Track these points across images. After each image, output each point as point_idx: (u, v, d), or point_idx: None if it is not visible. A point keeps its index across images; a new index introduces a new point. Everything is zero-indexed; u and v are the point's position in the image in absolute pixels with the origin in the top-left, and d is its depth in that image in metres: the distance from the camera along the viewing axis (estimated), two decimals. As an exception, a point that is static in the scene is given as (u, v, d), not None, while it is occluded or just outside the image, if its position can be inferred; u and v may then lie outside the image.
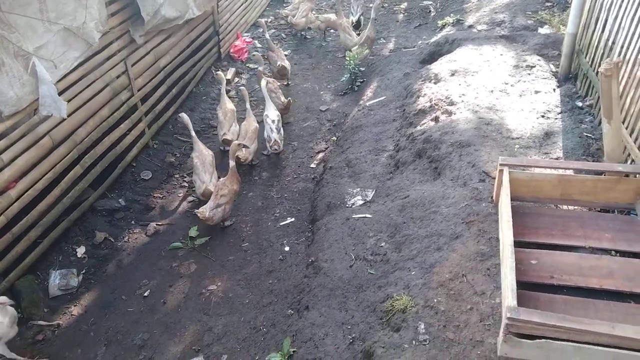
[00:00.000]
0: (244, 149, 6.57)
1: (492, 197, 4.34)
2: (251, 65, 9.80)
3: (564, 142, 5.01)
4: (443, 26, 10.02)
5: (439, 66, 6.89)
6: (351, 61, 8.34)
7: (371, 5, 9.74)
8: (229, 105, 7.34)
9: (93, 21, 5.78)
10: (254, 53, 8.84)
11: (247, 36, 10.89)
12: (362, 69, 8.77)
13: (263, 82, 7.40)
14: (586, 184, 3.99)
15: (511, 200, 4.03)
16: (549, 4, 9.35)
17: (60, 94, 5.57)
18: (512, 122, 5.40)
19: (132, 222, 6.20)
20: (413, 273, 4.01)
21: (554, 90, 6.00)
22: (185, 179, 6.94)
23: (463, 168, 4.87)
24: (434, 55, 8.05)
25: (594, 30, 5.72)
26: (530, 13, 9.14)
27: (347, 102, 8.24)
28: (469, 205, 4.35)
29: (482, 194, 4.44)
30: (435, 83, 6.58)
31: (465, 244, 3.99)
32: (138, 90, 7.03)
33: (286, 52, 10.30)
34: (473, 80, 6.31)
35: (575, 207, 4.15)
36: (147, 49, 7.26)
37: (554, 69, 6.45)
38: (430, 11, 11.33)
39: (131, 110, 6.95)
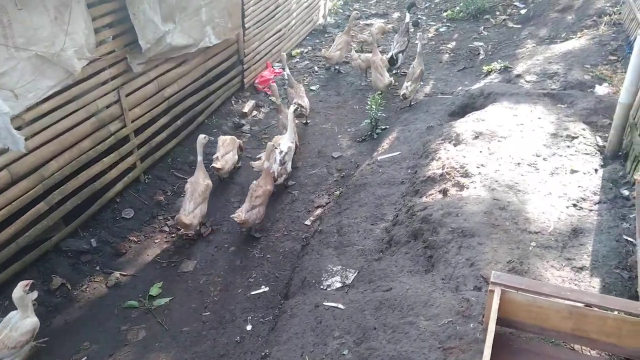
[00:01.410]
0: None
1: (483, 316, 3.37)
2: (273, 99, 9.16)
3: (595, 245, 3.95)
4: (488, 72, 9.02)
5: (464, 125, 5.93)
6: (373, 106, 7.51)
7: (416, 42, 8.88)
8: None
9: (75, 48, 5.31)
10: (271, 84, 8.19)
11: (278, 67, 10.30)
12: (384, 114, 7.90)
13: (291, 108, 6.86)
14: (608, 323, 2.96)
15: (507, 326, 3.08)
16: (612, 57, 8.15)
17: (28, 124, 5.13)
18: (534, 209, 4.37)
19: (97, 267, 5.61)
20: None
21: (596, 171, 4.91)
22: (168, 223, 6.31)
23: (459, 266, 3.91)
24: (465, 108, 7.08)
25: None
26: (589, 67, 7.99)
27: (363, 151, 7.39)
28: (454, 323, 3.39)
29: (473, 308, 3.47)
30: (455, 145, 5.63)
31: (435, 382, 3.04)
32: (132, 121, 6.53)
33: (314, 87, 9.63)
34: (499, 147, 5.32)
35: (592, 351, 3.11)
36: (150, 77, 6.76)
37: (600, 143, 5.34)
38: (479, 53, 10.34)
39: (121, 142, 6.44)
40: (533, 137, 5.43)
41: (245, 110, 8.60)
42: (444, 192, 4.86)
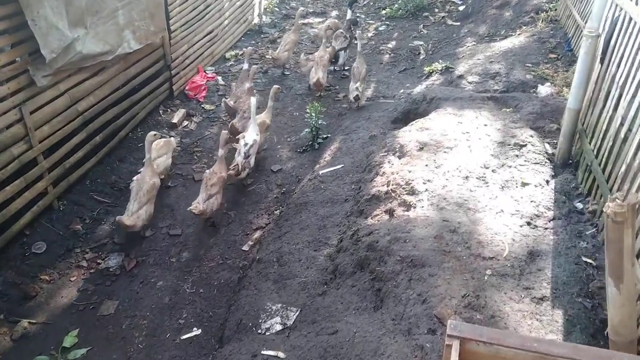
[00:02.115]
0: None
1: (440, 368, 2.96)
2: (207, 107, 8.50)
3: (553, 269, 3.63)
4: (430, 73, 8.75)
5: (408, 134, 5.55)
6: (312, 114, 7.03)
7: (355, 41, 8.47)
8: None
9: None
10: (244, 49, 8.38)
11: (211, 71, 9.64)
12: (325, 122, 7.44)
13: (252, 99, 6.65)
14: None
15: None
16: (552, 55, 8.06)
17: None
18: (487, 230, 4.03)
19: (1, 316, 4.84)
20: None
21: (548, 182, 4.64)
22: (86, 256, 5.58)
23: (410, 302, 3.49)
24: (408, 114, 6.74)
25: (602, 109, 4.39)
26: (530, 65, 7.85)
27: (304, 163, 6.90)
28: (407, 377, 2.96)
29: (428, 357, 3.05)
30: (399, 157, 5.24)
31: None
32: (40, 142, 5.74)
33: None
34: (445, 159, 4.97)
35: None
36: (59, 90, 5.98)
37: (550, 150, 5.10)
38: (419, 53, 10.07)
39: (27, 166, 5.64)
40: (480, 146, 5.11)
41: (175, 120, 7.91)
42: (390, 212, 4.45)
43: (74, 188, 6.34)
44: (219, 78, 9.41)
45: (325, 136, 7.28)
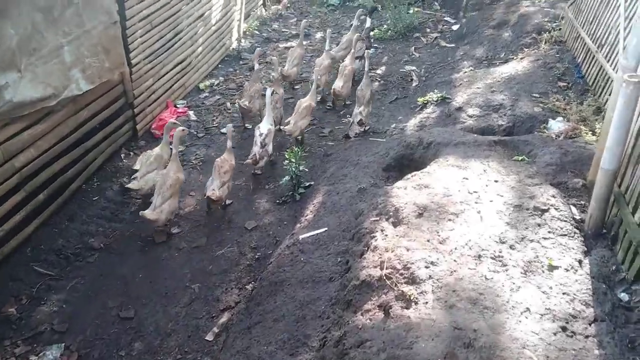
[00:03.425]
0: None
1: None
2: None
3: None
4: (424, 104, 7.87)
5: (403, 193, 4.62)
6: (292, 160, 6.09)
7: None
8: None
9: None
10: (272, 58, 8.57)
11: (182, 105, 8.69)
12: (308, 164, 6.50)
13: (268, 91, 6.87)
14: None
15: None
16: (562, 84, 7.20)
17: None
18: (512, 343, 3.08)
19: None
20: None
21: (580, 262, 3.71)
22: (16, 350, 4.58)
23: None
24: (402, 160, 5.83)
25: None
26: (537, 96, 6.98)
27: (283, 218, 5.95)
28: None
29: None
30: (394, 225, 4.30)
31: None
32: (-37, 210, 4.78)
33: (225, 130, 8.06)
34: (451, 230, 4.03)
35: None
36: (-12, 146, 5.03)
37: (577, 215, 4.18)
38: (411, 79, 9.19)
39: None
40: (492, 212, 4.18)
41: (137, 166, 6.93)
42: (386, 309, 3.50)
43: (11, 259, 5.36)
44: (191, 113, 8.46)
45: (307, 184, 6.33)
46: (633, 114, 3.51)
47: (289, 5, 13.57)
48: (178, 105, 8.58)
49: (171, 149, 6.00)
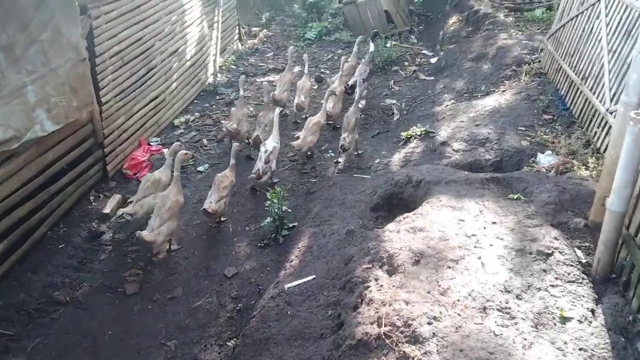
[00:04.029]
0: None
1: None
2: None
3: None
4: (408, 139, 7.68)
5: (397, 237, 4.31)
6: (274, 201, 5.75)
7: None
8: None
9: None
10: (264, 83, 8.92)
11: (156, 142, 8.32)
12: (291, 203, 6.16)
13: (277, 110, 7.29)
14: None
15: None
16: (547, 116, 7.08)
17: None
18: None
19: None
20: None
21: (593, 312, 3.43)
22: None
23: None
24: (391, 199, 5.55)
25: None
26: (523, 129, 6.84)
27: (266, 264, 5.57)
28: None
29: None
30: (389, 274, 3.97)
31: None
32: None
33: (202, 168, 7.72)
34: (452, 279, 3.72)
35: None
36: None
37: (583, 258, 3.91)
38: (393, 113, 9.03)
39: None
40: (493, 257, 3.90)
41: (107, 210, 6.49)
42: (387, 374, 3.13)
43: (-37, 318, 4.83)
44: (165, 151, 8.04)
45: (291, 225, 5.99)
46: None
47: (265, 39, 13.47)
48: (152, 143, 8.22)
49: (172, 171, 6.01)
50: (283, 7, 16.29)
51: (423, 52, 11.66)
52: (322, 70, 11.44)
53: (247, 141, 7.97)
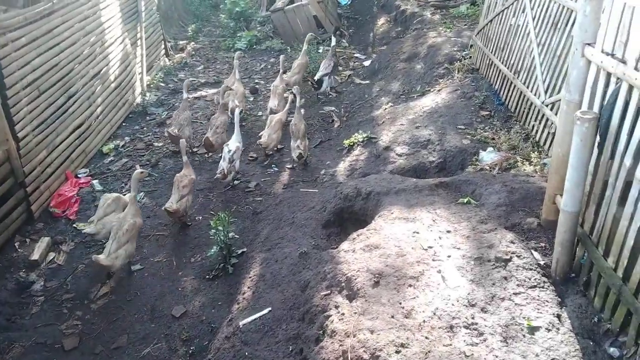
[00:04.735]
0: None
1: None
2: (81, 226, 6.52)
3: None
4: (351, 146, 7.52)
5: (352, 257, 4.11)
6: (219, 228, 5.41)
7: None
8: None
9: None
10: (223, 85, 8.44)
11: (85, 174, 7.72)
12: (238, 227, 5.83)
13: (237, 110, 7.51)
14: None
15: None
16: (484, 113, 7.14)
17: None
18: None
19: None
20: None
21: (559, 317, 3.36)
22: None
23: None
24: (342, 214, 5.36)
25: (608, 206, 3.25)
26: (463, 127, 6.86)
27: (217, 298, 5.22)
28: None
29: None
30: (349, 299, 3.76)
31: None
32: None
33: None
34: (414, 298, 3.56)
35: None
36: None
37: (541, 260, 3.87)
38: (333, 120, 8.87)
39: None
40: (453, 269, 3.78)
41: (35, 256, 5.90)
42: (359, 413, 2.91)
43: None
44: (95, 182, 7.49)
45: (240, 252, 5.67)
46: (590, 153, 3.27)
47: (193, 52, 12.97)
48: (80, 176, 7.61)
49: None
50: (209, 17, 15.82)
51: (356, 55, 11.60)
52: (256, 80, 11.13)
53: (191, 149, 7.89)
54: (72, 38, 7.72)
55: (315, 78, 9.42)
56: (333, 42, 10.07)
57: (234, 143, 6.96)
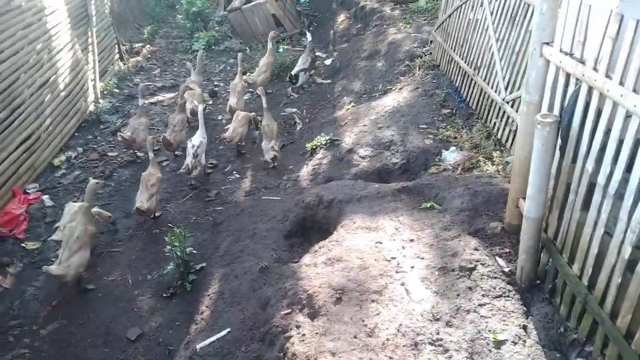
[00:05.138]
0: None
1: None
2: (30, 245, 6.15)
3: None
4: (314, 150, 7.33)
5: (314, 272, 3.93)
6: (175, 244, 5.14)
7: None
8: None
9: None
10: (183, 86, 8.18)
11: (34, 189, 7.30)
12: (195, 250, 5.56)
13: (200, 107, 7.50)
14: None
15: None
16: (446, 111, 7.05)
17: None
18: None
19: None
20: None
21: (525, 328, 3.25)
22: None
23: None
24: (304, 223, 5.17)
25: (571, 211, 3.15)
26: (425, 126, 6.75)
27: (175, 317, 4.96)
28: None
29: None
30: (310, 317, 3.58)
31: None
32: None
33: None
34: (377, 314, 3.40)
35: None
36: None
37: (505, 266, 3.76)
38: (295, 122, 8.66)
39: None
40: (417, 281, 3.63)
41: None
42: None
43: None
44: (46, 197, 7.09)
45: (198, 267, 5.41)
46: (552, 157, 3.17)
47: (149, 55, 12.53)
48: (29, 191, 7.19)
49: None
50: (166, 18, 15.35)
51: (317, 54, 11.38)
52: (216, 83, 10.81)
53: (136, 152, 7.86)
54: (15, 47, 7.28)
55: (292, 73, 9.52)
56: (309, 38, 10.10)
57: (198, 138, 6.95)
